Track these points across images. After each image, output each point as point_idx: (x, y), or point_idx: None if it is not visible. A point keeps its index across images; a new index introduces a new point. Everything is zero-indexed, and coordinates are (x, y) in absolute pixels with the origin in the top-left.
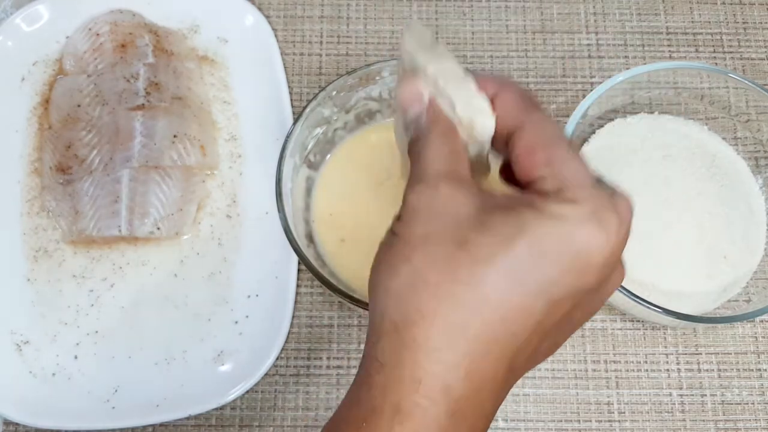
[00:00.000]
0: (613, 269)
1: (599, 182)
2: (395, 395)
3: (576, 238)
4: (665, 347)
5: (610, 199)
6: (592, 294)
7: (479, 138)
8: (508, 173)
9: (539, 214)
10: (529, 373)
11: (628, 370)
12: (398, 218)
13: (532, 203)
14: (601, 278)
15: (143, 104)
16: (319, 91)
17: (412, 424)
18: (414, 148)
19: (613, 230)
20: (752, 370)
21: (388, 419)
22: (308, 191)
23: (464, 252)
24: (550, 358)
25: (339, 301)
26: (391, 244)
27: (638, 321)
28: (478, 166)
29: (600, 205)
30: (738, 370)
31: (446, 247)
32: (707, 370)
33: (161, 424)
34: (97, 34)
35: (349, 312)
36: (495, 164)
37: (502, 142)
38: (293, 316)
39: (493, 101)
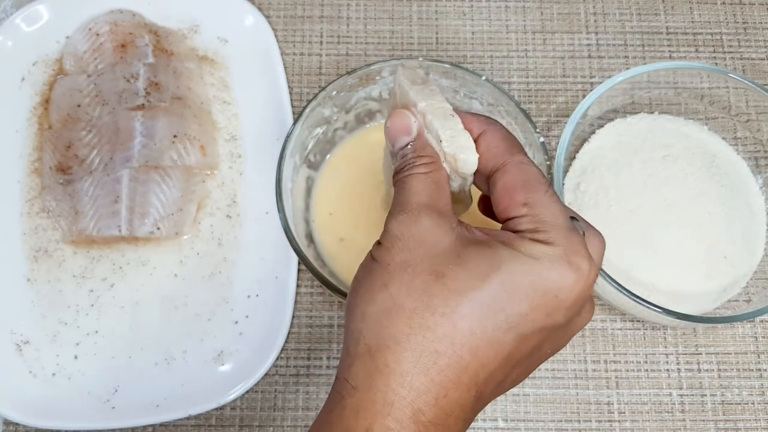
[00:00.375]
0: (581, 307)
1: (574, 223)
2: (366, 419)
3: (547, 278)
4: (665, 347)
5: (582, 242)
6: (560, 330)
7: (462, 173)
8: (486, 205)
9: (514, 253)
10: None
11: (628, 370)
12: (379, 244)
13: (508, 241)
14: (570, 316)
15: (143, 104)
16: (319, 91)
17: None
18: (399, 177)
19: (584, 272)
20: (752, 370)
21: None
22: (308, 191)
23: (440, 284)
24: (550, 358)
25: (339, 301)
26: (371, 270)
27: (638, 321)
28: (460, 198)
29: (572, 248)
30: (738, 370)
31: (423, 277)
32: (707, 370)
33: (161, 424)
34: (97, 34)
35: None
36: (476, 197)
37: (484, 179)
38: (293, 316)
39: (477, 140)
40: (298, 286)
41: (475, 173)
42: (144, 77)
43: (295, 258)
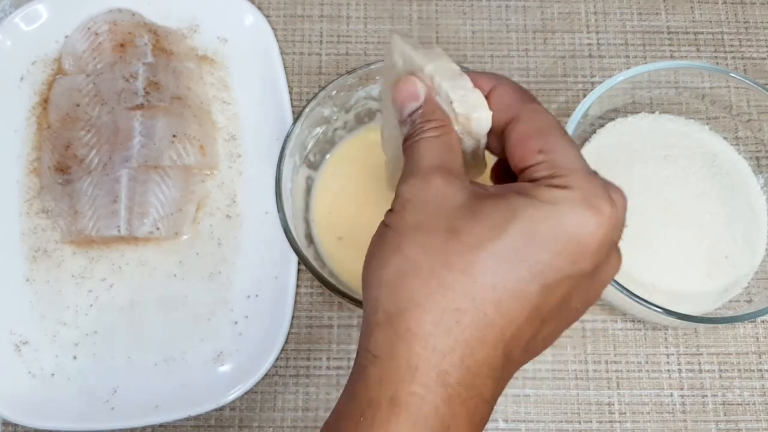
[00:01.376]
0: (608, 255)
1: (593, 172)
2: (391, 387)
3: (568, 222)
4: (666, 347)
5: (602, 184)
6: (588, 279)
7: (476, 132)
8: (499, 174)
9: (530, 200)
10: (530, 374)
11: (629, 371)
12: (390, 211)
13: (523, 190)
14: (596, 263)
15: (142, 104)
16: (319, 91)
17: (409, 415)
18: (408, 143)
19: (606, 215)
20: (753, 370)
21: (385, 411)
22: (308, 191)
23: (456, 240)
24: (550, 359)
25: (339, 301)
26: (383, 236)
27: (639, 321)
28: (474, 163)
29: (592, 191)
30: (739, 370)
31: (438, 235)
32: (708, 371)
33: (160, 425)
34: (96, 34)
35: (349, 312)
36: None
37: (497, 136)
38: (293, 317)
39: (488, 96)
40: (297, 286)
41: (488, 133)
42: (143, 77)
43: (294, 258)
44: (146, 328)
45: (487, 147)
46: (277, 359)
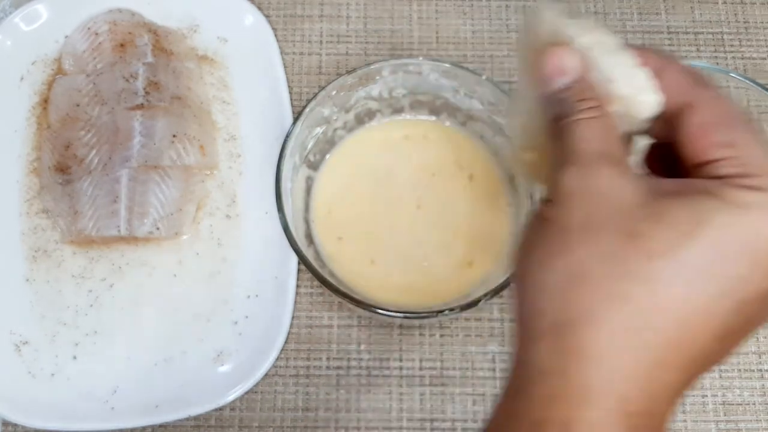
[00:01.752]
0: None
1: None
2: (562, 409)
3: (765, 231)
4: None
5: None
6: None
7: (637, 117)
8: (653, 163)
9: (720, 203)
10: None
11: None
12: (548, 201)
13: (709, 189)
14: None
15: (142, 104)
16: (319, 91)
17: None
18: (558, 125)
19: None
20: (753, 370)
21: None
22: (308, 191)
23: (636, 245)
24: None
25: (339, 301)
26: (543, 232)
27: None
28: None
29: None
30: (739, 370)
31: (613, 237)
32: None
33: (160, 425)
34: (96, 34)
35: (349, 312)
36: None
37: (663, 123)
38: (293, 317)
39: (656, 77)
40: (298, 286)
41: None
42: (143, 77)
43: (294, 258)
44: (146, 328)
45: (646, 132)
46: (276, 359)
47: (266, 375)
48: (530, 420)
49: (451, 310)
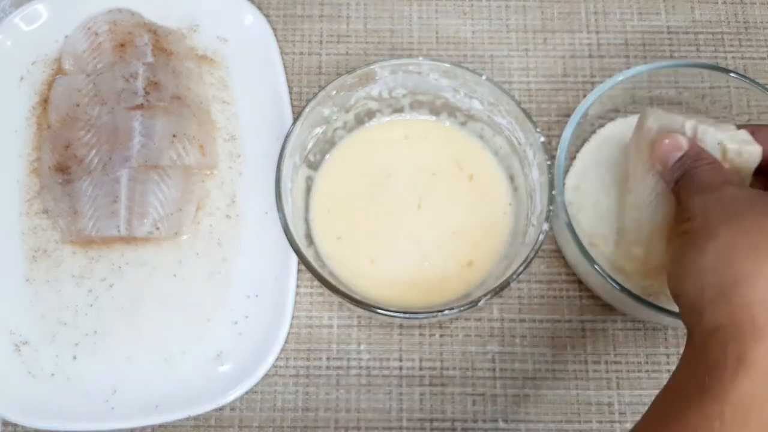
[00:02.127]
0: None
1: None
2: (736, 348)
3: None
4: (666, 347)
5: None
6: None
7: (745, 167)
8: None
9: None
10: (530, 374)
11: (628, 371)
12: (684, 221)
13: None
14: None
15: (142, 104)
16: (319, 91)
17: (757, 372)
18: (682, 180)
19: None
20: None
21: (731, 370)
22: (308, 191)
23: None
24: (550, 358)
25: (339, 301)
26: (687, 239)
27: (639, 321)
28: None
29: None
30: None
31: (750, 217)
32: None
33: (160, 425)
34: (96, 34)
35: (349, 312)
36: None
37: (763, 169)
38: (293, 317)
39: (753, 136)
40: (298, 286)
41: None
42: (143, 77)
43: (294, 258)
44: (146, 328)
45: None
46: (277, 359)
47: (266, 375)
48: (707, 365)
49: (451, 310)
